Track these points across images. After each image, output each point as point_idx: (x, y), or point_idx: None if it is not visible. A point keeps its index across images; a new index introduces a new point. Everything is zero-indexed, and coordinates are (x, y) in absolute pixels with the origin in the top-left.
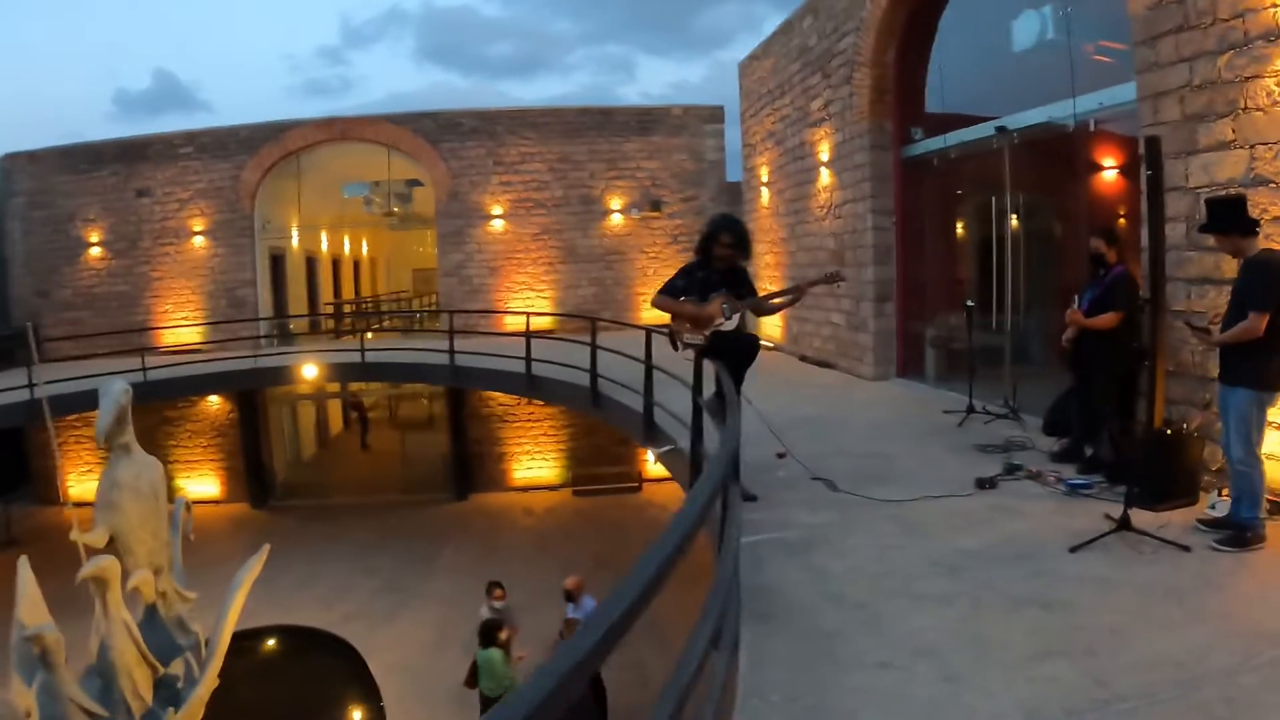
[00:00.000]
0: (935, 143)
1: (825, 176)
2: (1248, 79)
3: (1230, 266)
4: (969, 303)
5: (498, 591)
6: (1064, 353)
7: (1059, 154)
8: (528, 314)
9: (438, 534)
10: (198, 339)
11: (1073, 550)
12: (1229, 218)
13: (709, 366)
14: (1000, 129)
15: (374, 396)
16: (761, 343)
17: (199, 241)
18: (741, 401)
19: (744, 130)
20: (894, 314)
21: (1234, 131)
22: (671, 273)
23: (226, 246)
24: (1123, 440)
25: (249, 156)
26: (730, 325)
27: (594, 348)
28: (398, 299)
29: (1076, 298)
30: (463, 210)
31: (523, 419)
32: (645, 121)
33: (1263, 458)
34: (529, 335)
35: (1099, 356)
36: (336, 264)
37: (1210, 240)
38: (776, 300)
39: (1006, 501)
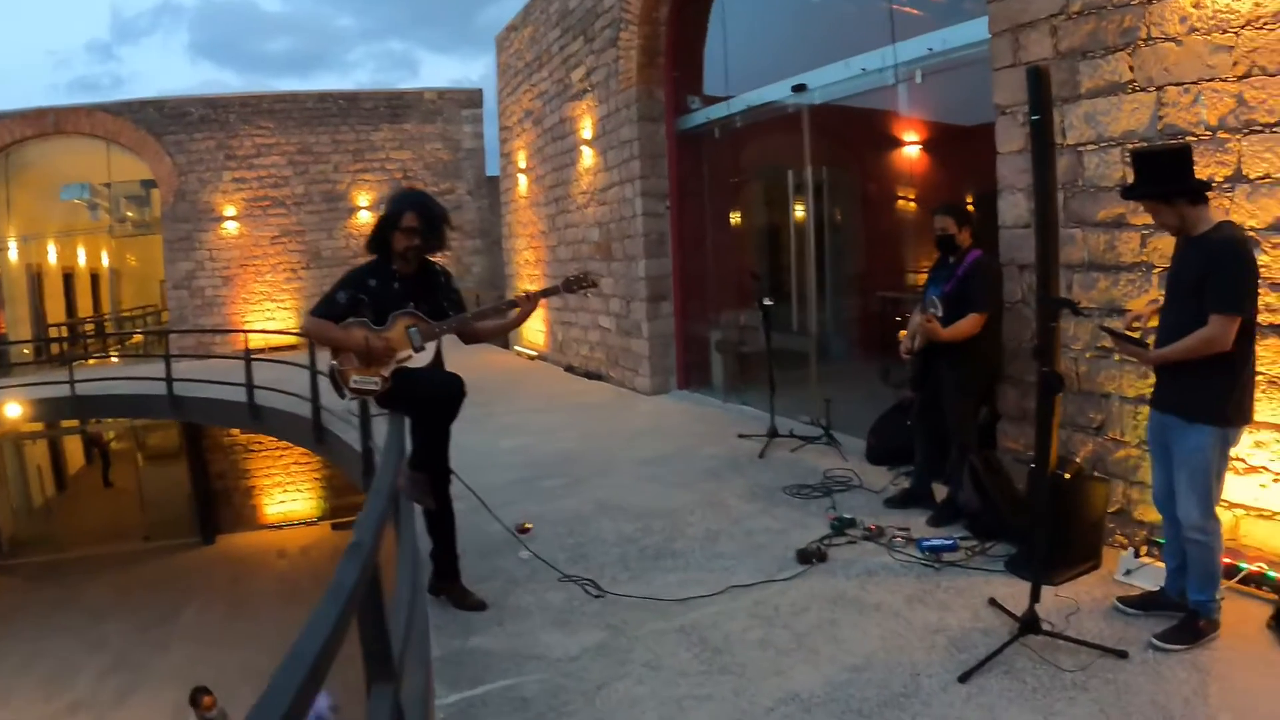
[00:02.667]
0: (717, 110)
1: (588, 157)
2: (1150, 0)
3: (1131, 249)
4: (765, 301)
5: (206, 700)
6: (890, 365)
7: (875, 116)
8: (246, 331)
9: (180, 589)
10: None
11: (963, 679)
12: (1169, 178)
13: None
14: (797, 88)
15: (118, 426)
16: (520, 351)
17: None
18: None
19: (500, 112)
20: (672, 315)
21: (1133, 69)
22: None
23: None
24: (990, 480)
25: None
26: (422, 359)
27: (314, 372)
28: (144, 315)
29: (929, 299)
30: (191, 212)
31: (269, 448)
32: (396, 107)
33: (1220, 517)
34: (248, 358)
35: (955, 371)
36: (69, 278)
37: (1100, 213)
38: (494, 320)
39: (844, 585)
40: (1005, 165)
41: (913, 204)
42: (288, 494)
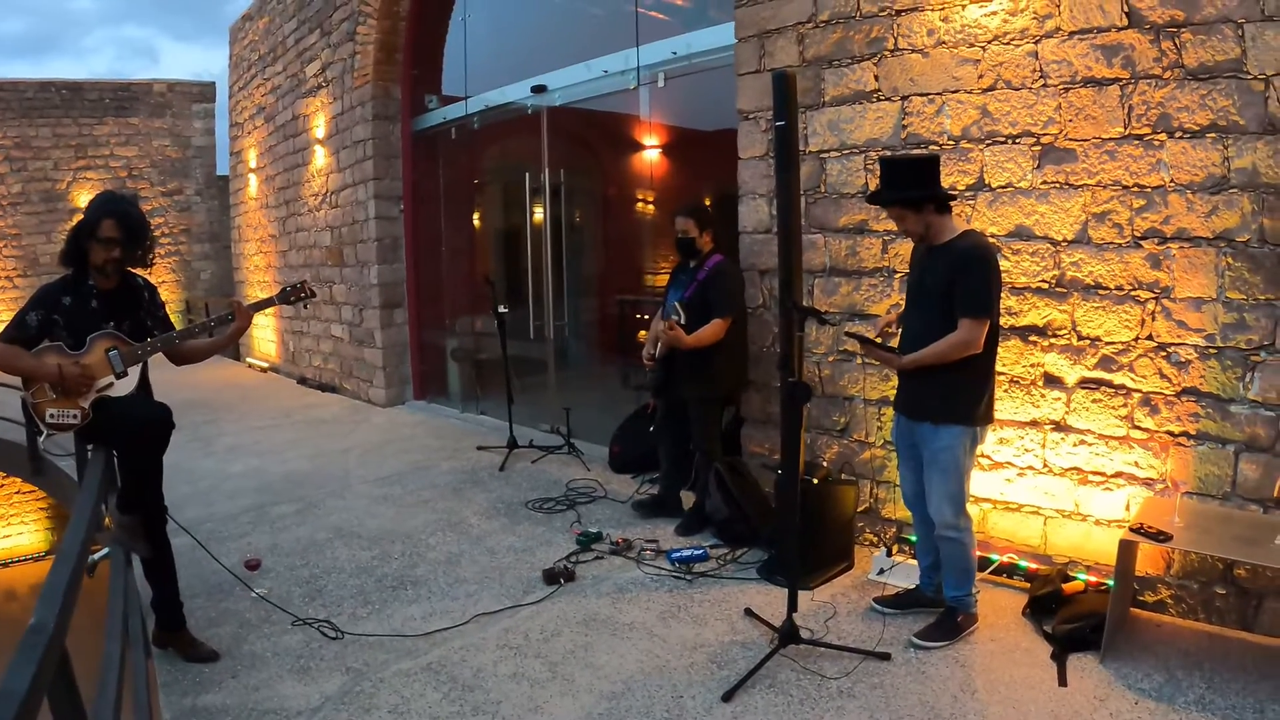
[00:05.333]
0: (455, 110)
1: (321, 156)
2: (900, 12)
3: (873, 254)
4: (500, 309)
5: None
6: (629, 370)
7: (617, 119)
8: None
9: None
10: None
11: (726, 698)
12: (917, 185)
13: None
14: (537, 89)
15: None
16: (252, 363)
17: None
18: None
19: (231, 107)
20: (406, 323)
21: (878, 79)
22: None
23: None
24: (737, 486)
25: None
26: (125, 385)
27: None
28: None
29: (672, 305)
30: None
31: None
32: (122, 99)
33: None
34: None
35: (698, 377)
36: None
37: (843, 219)
38: (203, 340)
39: (596, 605)
40: (746, 170)
41: (653, 207)
42: (12, 527)
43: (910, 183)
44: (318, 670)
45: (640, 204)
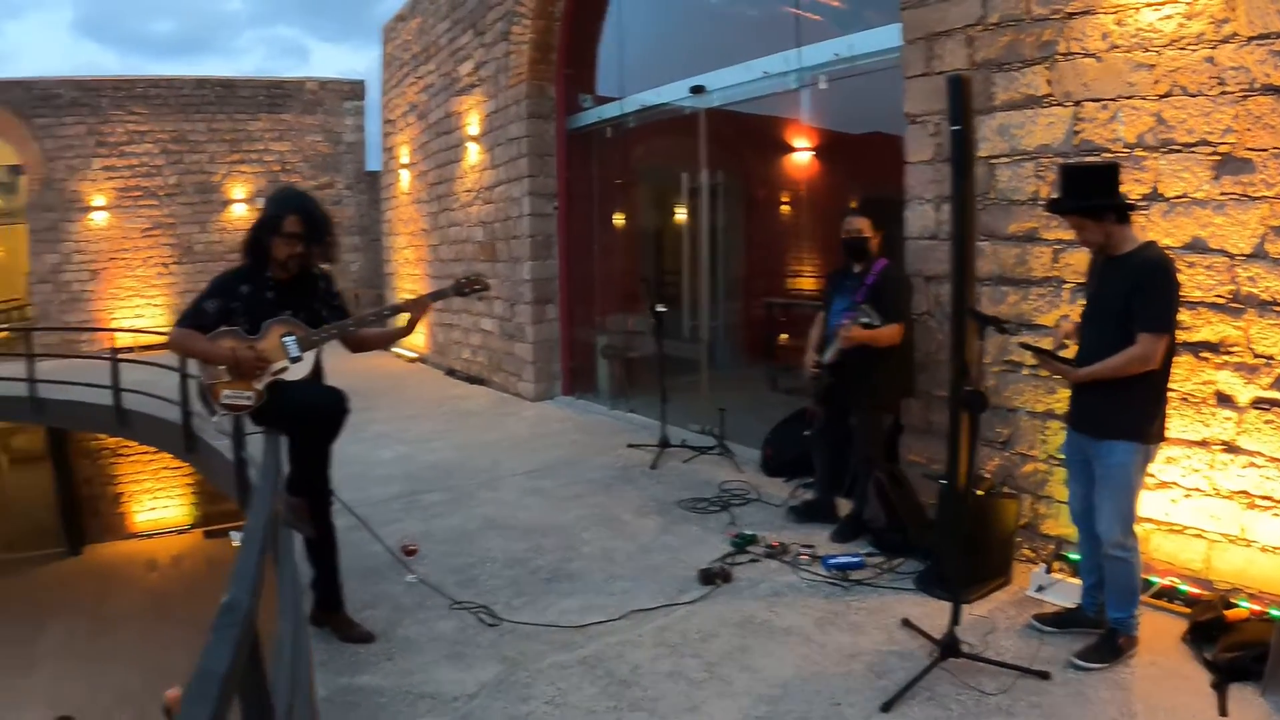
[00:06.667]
0: (610, 109)
1: (474, 153)
2: (1072, 15)
3: (1042, 263)
4: (658, 308)
5: None
6: (777, 372)
7: (775, 121)
8: (114, 330)
9: (45, 604)
10: None
11: (886, 709)
12: (1097, 194)
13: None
14: (696, 89)
15: None
16: (399, 353)
17: None
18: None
19: (384, 104)
20: (557, 319)
21: (1050, 83)
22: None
23: None
24: (896, 495)
25: None
26: (300, 370)
27: (184, 375)
28: (7, 310)
29: (861, 307)
30: (59, 201)
31: (139, 453)
32: (275, 96)
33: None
34: (115, 358)
35: (866, 384)
36: None
37: (1012, 227)
38: (379, 327)
39: (752, 608)
40: (914, 175)
41: (810, 210)
42: (158, 501)
43: (1090, 191)
44: (473, 657)
45: (797, 207)
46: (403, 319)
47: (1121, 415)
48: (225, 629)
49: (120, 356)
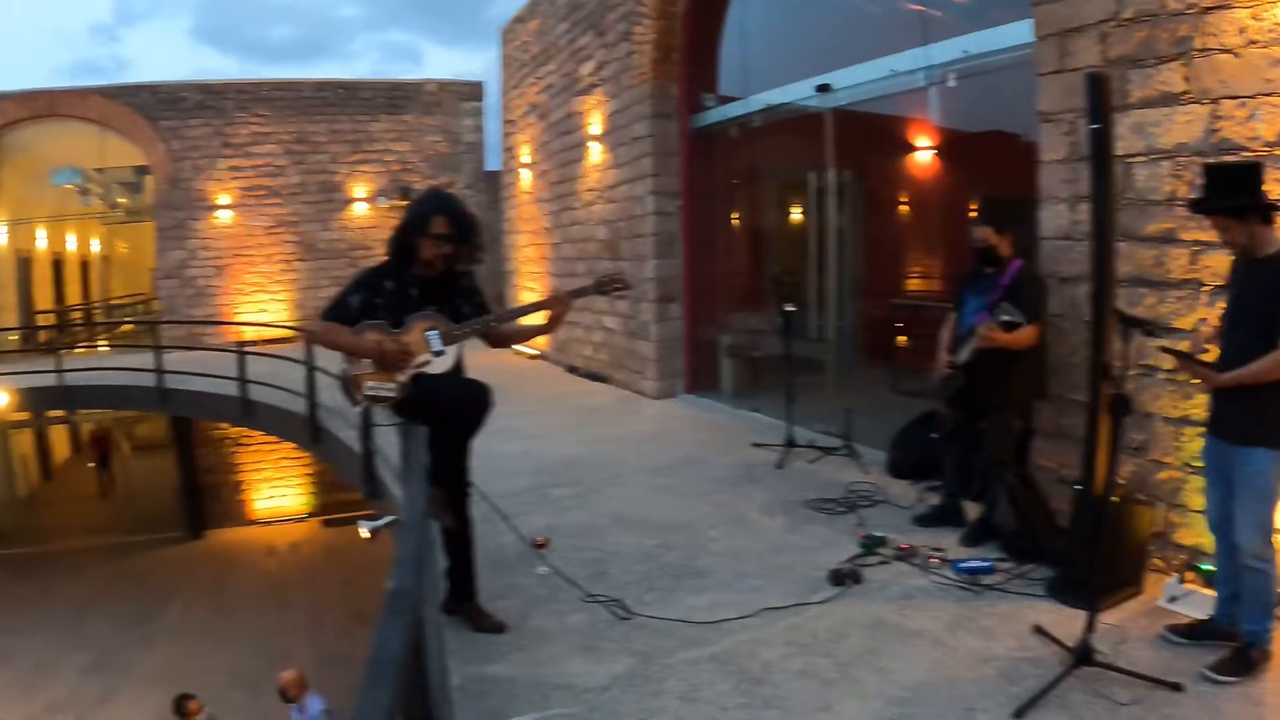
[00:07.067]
0: (734, 109)
1: (596, 153)
2: (1207, 9)
3: (1180, 265)
4: (788, 307)
5: (192, 705)
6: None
7: (902, 120)
8: (241, 324)
9: (165, 585)
10: None
11: (1018, 715)
12: (1241, 192)
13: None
14: (822, 88)
15: (104, 417)
16: (520, 349)
17: None
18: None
19: (504, 105)
20: (680, 317)
21: (1187, 80)
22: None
23: None
24: (1027, 499)
25: None
26: (442, 364)
27: (311, 368)
28: (134, 304)
29: (1002, 307)
30: (185, 200)
31: (259, 442)
32: (395, 98)
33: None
34: (242, 351)
35: (1000, 386)
36: (59, 264)
37: (1149, 227)
38: (524, 321)
39: (882, 610)
40: (1047, 174)
41: (935, 211)
42: (277, 489)
43: (1234, 190)
44: (604, 650)
45: (926, 207)
46: (543, 315)
47: (1263, 422)
48: (396, 614)
49: (246, 350)
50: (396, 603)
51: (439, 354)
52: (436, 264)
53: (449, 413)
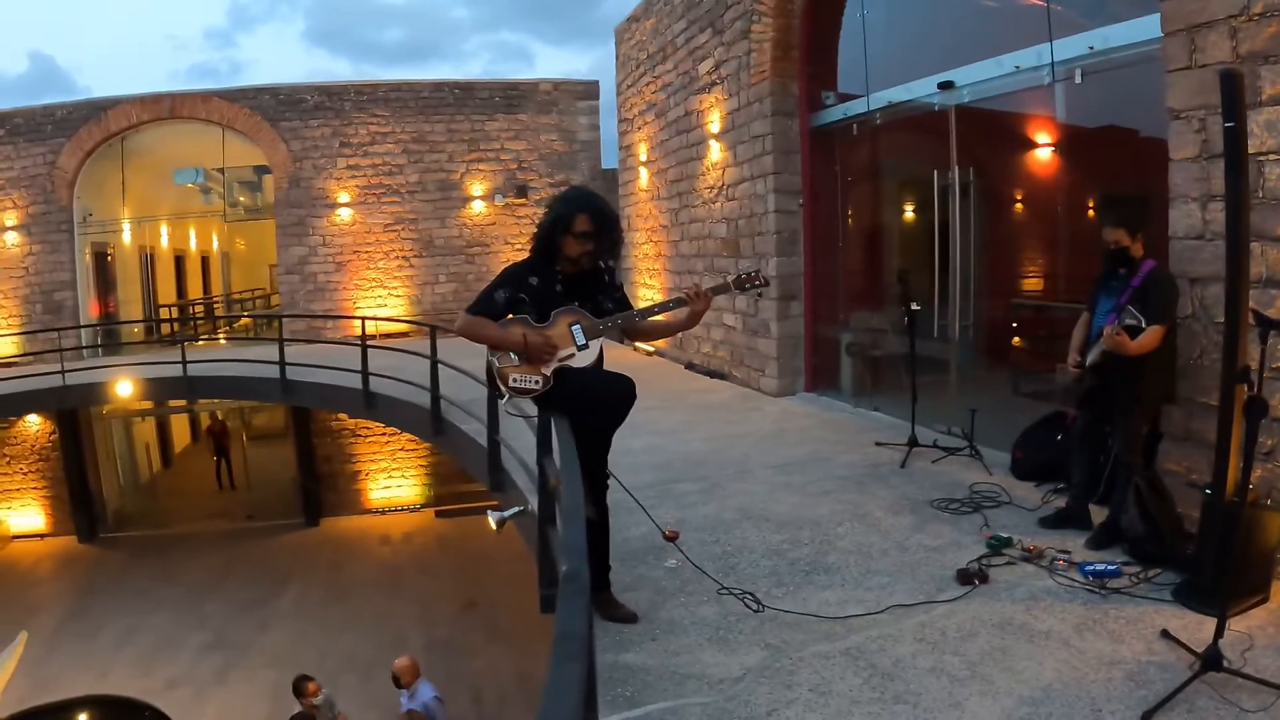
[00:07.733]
0: (856, 106)
1: (716, 151)
2: None
3: None
4: (913, 305)
5: (311, 686)
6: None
7: (1027, 117)
8: (363, 318)
9: (281, 570)
10: (14, 350)
11: (1148, 718)
12: None
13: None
14: (944, 85)
15: (223, 407)
16: (638, 346)
17: (11, 239)
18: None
19: (620, 104)
20: (801, 315)
21: None
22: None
23: (42, 243)
24: (1154, 503)
25: (66, 139)
26: (586, 357)
27: (435, 362)
28: (252, 298)
29: (1129, 310)
30: (305, 198)
31: (377, 433)
32: (511, 97)
33: None
34: (365, 344)
35: (1131, 388)
36: (180, 260)
37: None
38: (660, 316)
39: (1009, 610)
40: (1178, 173)
41: (1059, 209)
42: (393, 480)
43: None
44: (736, 642)
45: (1041, 206)
46: (682, 311)
47: None
48: (573, 595)
49: (368, 343)
50: (571, 585)
51: (583, 348)
52: (581, 261)
53: (593, 405)
